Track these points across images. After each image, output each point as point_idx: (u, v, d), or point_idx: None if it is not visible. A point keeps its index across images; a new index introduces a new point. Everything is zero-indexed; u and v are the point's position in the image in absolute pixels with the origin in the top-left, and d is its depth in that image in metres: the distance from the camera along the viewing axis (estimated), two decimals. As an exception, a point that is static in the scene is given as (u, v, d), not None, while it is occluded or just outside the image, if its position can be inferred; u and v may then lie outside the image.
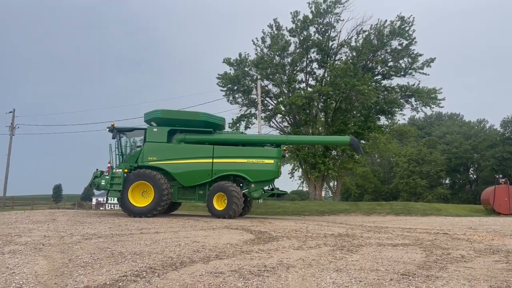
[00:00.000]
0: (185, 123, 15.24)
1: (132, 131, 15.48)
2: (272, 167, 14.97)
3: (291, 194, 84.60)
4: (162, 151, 14.81)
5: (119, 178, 14.17)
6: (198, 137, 15.36)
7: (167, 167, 14.61)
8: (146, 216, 13.80)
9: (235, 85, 31.15)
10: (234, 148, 15.43)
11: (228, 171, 14.91)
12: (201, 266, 5.57)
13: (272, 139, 16.75)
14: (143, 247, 7.14)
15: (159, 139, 14.87)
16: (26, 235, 8.69)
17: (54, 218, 13.17)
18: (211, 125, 15.56)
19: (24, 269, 5.32)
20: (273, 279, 4.91)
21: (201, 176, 14.85)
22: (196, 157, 14.88)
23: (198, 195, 15.18)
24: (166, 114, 15.09)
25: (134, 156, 14.95)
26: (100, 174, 14.87)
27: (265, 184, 15.54)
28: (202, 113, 15.54)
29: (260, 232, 9.69)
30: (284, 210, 19.68)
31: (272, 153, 15.36)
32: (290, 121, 33.24)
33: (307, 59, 31.70)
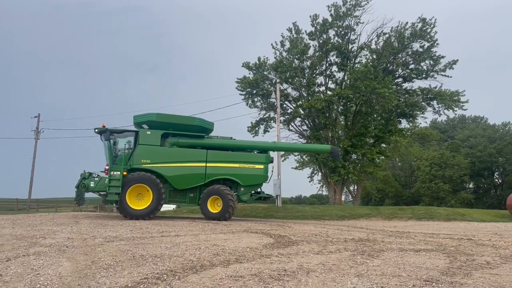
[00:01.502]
0: (179, 127, 15.47)
1: (122, 133, 15.42)
2: (262, 172, 15.85)
3: (310, 198, 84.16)
4: (156, 154, 14.92)
5: (118, 181, 14.03)
6: (190, 141, 15.68)
7: (160, 170, 14.75)
8: (143, 219, 13.90)
9: (254, 89, 31.22)
10: (227, 153, 15.99)
11: (221, 175, 15.43)
12: (221, 270, 5.58)
13: (260, 145, 17.22)
14: (163, 250, 7.21)
15: (153, 142, 14.99)
16: (51, 237, 8.87)
17: (77, 220, 13.41)
18: (204, 130, 15.98)
19: (48, 271, 5.43)
20: (293, 284, 4.89)
21: (195, 179, 15.22)
22: (190, 161, 15.23)
23: (188, 198, 15.56)
24: (160, 118, 15.20)
25: (125, 158, 14.79)
26: (88, 175, 14.75)
27: (255, 188, 16.37)
28: (197, 118, 16.15)
29: (279, 236, 9.67)
30: (304, 214, 19.57)
31: (262, 158, 16.14)
32: (310, 125, 33.10)
33: (327, 62, 31.56)
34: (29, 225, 11.49)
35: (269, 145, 17.40)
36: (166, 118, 15.28)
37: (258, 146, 17.19)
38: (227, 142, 16.59)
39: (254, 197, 16.53)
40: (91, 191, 14.85)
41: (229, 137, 17.05)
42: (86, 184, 14.47)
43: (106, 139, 14.80)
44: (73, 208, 41.77)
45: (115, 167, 14.36)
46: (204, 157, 15.33)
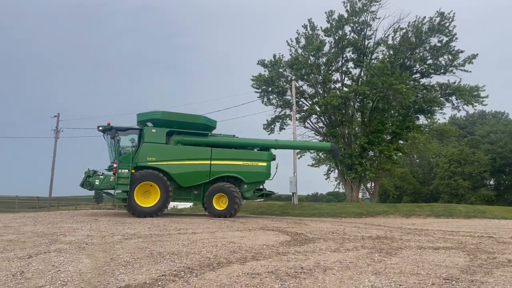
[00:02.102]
0: (184, 125, 15.55)
1: (127, 130, 15.46)
2: (265, 169, 16.04)
3: (327, 195, 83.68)
4: (161, 152, 15.00)
5: (126, 179, 14.04)
6: (195, 139, 15.79)
7: (166, 167, 14.82)
8: (151, 216, 13.99)
9: (270, 86, 31.16)
10: (230, 151, 16.15)
11: (225, 173, 15.58)
12: (238, 267, 5.60)
13: (262, 143, 17.33)
14: (181, 247, 7.26)
15: (158, 140, 15.06)
16: (71, 234, 9.03)
17: (96, 218, 13.61)
18: (208, 128, 16.18)
19: (69, 267, 5.53)
20: (310, 281, 4.87)
21: (199, 177, 15.34)
22: (195, 159, 15.33)
23: (193, 195, 15.69)
24: (166, 115, 15.31)
25: (129, 156, 14.79)
26: (92, 173, 14.73)
27: (258, 185, 16.54)
28: (202, 116, 16.23)
29: (296, 234, 9.65)
30: (320, 212, 19.48)
31: (264, 156, 16.33)
32: (326, 122, 32.91)
33: (343, 59, 31.30)
34: (50, 223, 11.71)
35: (271, 143, 17.57)
36: (171, 116, 15.39)
37: (260, 144, 17.31)
38: (230, 140, 16.79)
39: (256, 194, 16.68)
40: (96, 189, 14.86)
41: (232, 135, 17.24)
42: (91, 182, 14.42)
43: (112, 137, 14.83)
44: (92, 206, 42.45)
45: (123, 165, 14.35)
46: (209, 155, 15.47)
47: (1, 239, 8.30)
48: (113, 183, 14.32)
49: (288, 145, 18.70)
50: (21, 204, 35.27)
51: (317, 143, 20.06)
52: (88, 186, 14.42)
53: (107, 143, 15.46)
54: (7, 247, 7.25)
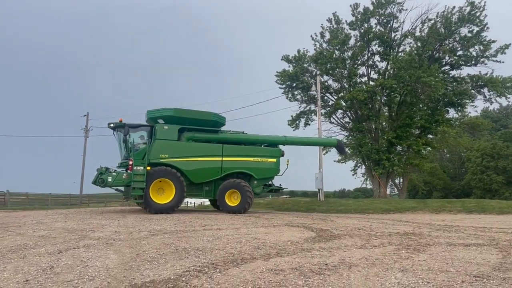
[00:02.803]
0: (195, 122, 15.67)
1: (138, 127, 15.50)
2: (275, 165, 16.39)
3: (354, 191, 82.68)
4: (174, 149, 15.07)
5: (142, 176, 14.07)
6: (206, 136, 15.92)
7: (178, 164, 14.90)
8: (167, 213, 14.09)
9: (294, 82, 30.99)
10: (241, 147, 16.32)
11: (236, 169, 15.79)
12: (261, 263, 5.58)
13: (271, 139, 17.35)
14: (205, 243, 7.31)
15: (170, 136, 15.15)
16: (99, 230, 9.24)
17: (124, 214, 13.88)
18: (218, 124, 16.32)
19: (96, 263, 5.65)
20: (335, 278, 4.80)
21: (211, 173, 15.52)
22: (206, 155, 15.49)
23: (204, 191, 15.86)
24: (178, 112, 15.37)
25: (141, 153, 14.86)
26: (105, 170, 14.76)
27: (267, 181, 16.86)
28: (213, 113, 16.27)
29: (321, 230, 9.55)
30: (347, 208, 19.25)
31: (274, 152, 16.64)
32: (352, 117, 32.48)
33: (369, 52, 30.79)
34: (80, 219, 12.03)
35: (280, 139, 17.57)
36: (183, 113, 15.48)
37: (269, 140, 17.36)
38: (240, 136, 16.95)
39: (265, 189, 17.01)
40: (109, 186, 14.83)
41: (241, 131, 17.39)
42: (104, 179, 14.43)
43: (125, 134, 14.92)
44: (121, 203, 43.37)
45: (136, 162, 14.40)
46: (220, 151, 15.65)
47: (33, 235, 8.58)
48: (126, 180, 14.44)
49: (297, 141, 18.72)
50: (54, 201, 36.36)
51: (324, 139, 20.04)
52: (101, 184, 14.43)
53: (118, 140, 15.64)
54: (39, 242, 7.48)
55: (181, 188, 14.44)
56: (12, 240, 7.85)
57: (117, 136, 15.65)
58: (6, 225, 10.91)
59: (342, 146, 18.96)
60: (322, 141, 19.65)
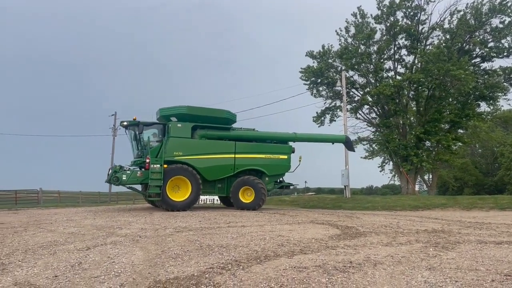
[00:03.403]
0: (208, 120, 15.78)
1: (152, 125, 15.61)
2: (286, 162, 16.61)
3: (382, 188, 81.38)
4: (187, 146, 15.15)
5: (159, 174, 14.13)
6: (218, 133, 16.06)
7: (192, 162, 14.99)
8: (184, 210, 14.18)
9: (319, 77, 30.73)
10: (253, 145, 16.53)
11: (249, 166, 16.00)
12: (285, 260, 5.55)
13: (282, 136, 17.54)
14: (229, 240, 7.34)
15: (183, 134, 15.21)
16: (126, 227, 9.42)
17: (151, 212, 14.12)
18: (230, 122, 16.54)
19: (122, 259, 5.75)
20: (359, 276, 4.73)
21: (224, 170, 15.68)
22: (220, 153, 15.64)
23: (217, 188, 16.00)
24: (191, 110, 15.46)
25: (155, 151, 14.94)
26: (119, 168, 14.82)
27: (279, 177, 17.13)
28: (226, 110, 16.40)
29: (346, 227, 9.44)
30: (374, 205, 18.95)
31: (285, 149, 16.86)
32: (378, 112, 31.95)
33: (395, 46, 30.20)
34: (108, 216, 12.31)
35: (290, 136, 17.65)
36: (196, 111, 15.59)
37: (280, 137, 17.51)
38: (252, 134, 17.09)
39: (276, 186, 17.24)
40: (123, 184, 14.84)
41: (252, 129, 17.54)
42: (119, 177, 14.43)
43: (139, 132, 15.05)
44: (149, 201, 44.03)
45: (154, 159, 14.48)
46: (233, 148, 15.84)
47: (63, 232, 8.83)
48: (140, 178, 14.56)
49: (307, 138, 18.69)
50: (84, 199, 37.40)
51: (332, 135, 19.90)
52: (116, 182, 14.47)
53: (130, 139, 15.73)
54: (68, 239, 7.69)
55: (197, 186, 14.59)
56: (43, 237, 8.10)
57: (130, 134, 15.75)
58: (39, 222, 11.28)
59: (350, 142, 19.09)
60: (331, 137, 19.57)
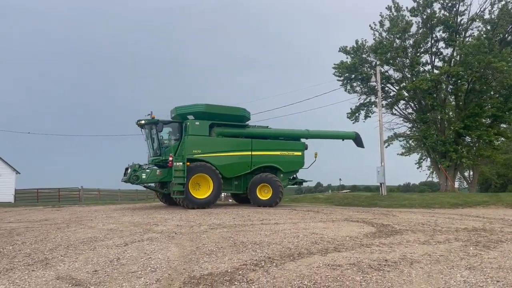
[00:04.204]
0: (225, 117, 15.93)
1: (169, 123, 15.63)
2: (300, 159, 16.87)
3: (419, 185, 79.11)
4: (206, 144, 15.24)
5: (182, 171, 14.16)
6: (234, 131, 16.23)
7: (211, 159, 15.05)
8: (206, 207, 14.27)
9: (353, 73, 30.21)
10: (269, 142, 16.67)
11: (265, 163, 16.19)
12: (318, 258, 5.52)
13: (295, 133, 17.68)
14: (263, 237, 7.36)
15: (201, 132, 15.31)
16: (162, 224, 9.64)
17: (186, 209, 14.36)
18: (245, 119, 16.74)
19: (158, 255, 5.90)
20: (395, 274, 4.64)
21: (242, 167, 15.85)
22: (237, 150, 15.81)
23: (234, 185, 16.12)
24: (209, 108, 15.59)
25: (173, 149, 15.00)
26: (138, 167, 14.78)
27: (293, 174, 17.34)
28: (242, 108, 16.55)
29: (382, 225, 9.26)
30: (411, 202, 18.45)
31: (299, 146, 17.11)
32: (415, 107, 31.09)
33: (432, 39, 29.23)
34: (145, 214, 12.64)
35: (303, 133, 17.77)
36: (214, 109, 15.72)
37: (293, 133, 17.64)
38: (266, 131, 17.29)
39: (290, 182, 17.42)
40: (143, 183, 14.88)
41: (266, 126, 17.77)
42: (139, 176, 14.42)
43: (159, 131, 15.15)
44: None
45: (178, 158, 14.59)
46: (250, 146, 16.03)
47: (103, 228, 9.14)
48: (159, 176, 14.73)
49: (319, 135, 18.65)
50: (123, 196, 38.53)
51: (343, 132, 19.67)
52: (136, 180, 14.47)
53: (147, 137, 15.85)
54: (107, 235, 7.96)
55: (219, 183, 14.75)
56: (84, 233, 8.42)
57: (146, 132, 15.86)
58: (80, 219, 11.73)
59: (360, 139, 19.04)
60: (341, 134, 19.49)
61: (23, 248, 6.88)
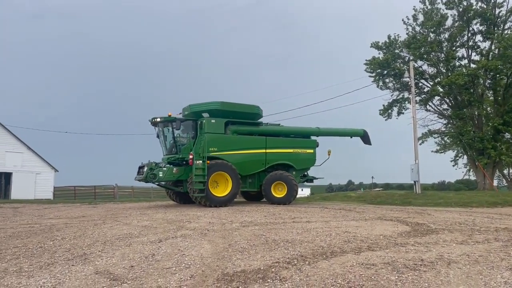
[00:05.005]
0: (239, 115, 15.88)
1: (185, 121, 15.44)
2: (312, 156, 16.94)
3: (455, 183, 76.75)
4: (222, 142, 15.17)
5: (203, 170, 14.00)
6: (249, 129, 16.21)
7: (227, 157, 14.98)
8: (225, 205, 14.20)
9: (385, 69, 29.65)
10: (283, 139, 16.82)
11: (279, 161, 16.19)
12: (352, 257, 5.45)
13: (305, 131, 17.84)
14: (295, 235, 7.34)
15: (218, 130, 15.24)
16: (195, 221, 9.77)
17: (217, 207, 14.47)
18: (258, 117, 16.82)
19: (192, 252, 5.98)
20: (431, 274, 4.52)
21: (256, 165, 15.85)
22: (252, 148, 15.75)
23: (248, 183, 16.08)
24: (225, 106, 15.54)
25: (189, 147, 14.96)
26: (154, 165, 14.71)
27: (305, 171, 17.42)
28: (256, 106, 16.54)
29: (417, 224, 9.04)
30: (447, 201, 17.92)
31: (311, 143, 17.18)
32: (451, 103, 30.19)
33: (469, 32, 28.32)
34: (178, 211, 12.84)
35: (314, 130, 17.78)
36: (229, 107, 15.68)
37: (304, 131, 17.81)
38: (278, 129, 17.36)
39: (302, 179, 17.51)
40: (160, 181, 14.81)
41: (277, 123, 17.82)
42: (156, 174, 14.33)
43: (177, 128, 15.04)
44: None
45: (197, 156, 14.48)
46: (264, 143, 16.01)
47: (137, 225, 9.36)
48: (176, 174, 14.68)
49: (329, 132, 18.61)
50: (156, 194, 39.30)
51: (351, 129, 19.45)
52: (153, 179, 14.42)
53: (161, 135, 15.82)
54: (142, 232, 8.14)
55: (237, 181, 14.73)
56: (120, 229, 8.65)
57: (161, 130, 15.82)
58: (115, 216, 12.06)
59: (367, 136, 19.07)
60: (349, 131, 19.38)
61: (63, 243, 7.13)
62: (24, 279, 4.76)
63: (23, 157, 34.19)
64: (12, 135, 33.83)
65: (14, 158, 33.45)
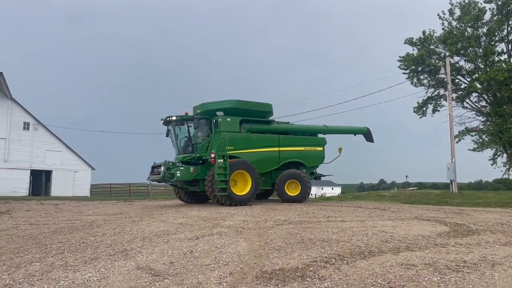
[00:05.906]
0: (253, 114, 15.94)
1: (200, 120, 15.29)
2: (321, 154, 17.32)
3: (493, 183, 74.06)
4: (238, 141, 15.19)
5: (224, 168, 13.86)
6: (262, 127, 16.30)
7: (243, 156, 14.99)
8: (245, 204, 14.14)
9: (419, 65, 28.95)
10: (294, 137, 17.05)
11: (292, 158, 16.41)
12: (390, 257, 5.38)
13: (313, 129, 18.13)
14: (330, 234, 7.29)
15: (233, 128, 15.29)
16: (229, 219, 9.87)
17: (251, 204, 14.58)
18: (270, 115, 16.97)
19: (229, 249, 6.06)
20: (475, 276, 4.40)
21: (270, 163, 16.02)
22: (266, 146, 15.87)
23: (261, 181, 15.78)
24: (240, 104, 15.58)
25: (204, 146, 14.94)
26: (172, 165, 14.59)
27: (315, 168, 17.66)
28: (269, 104, 16.65)
29: (456, 225, 8.80)
30: (485, 201, 17.34)
31: (321, 141, 17.56)
32: (489, 100, 29.13)
33: (508, 26, 27.24)
34: (211, 208, 13.02)
35: (322, 128, 18.15)
36: (244, 105, 15.72)
37: (312, 129, 18.07)
38: (289, 127, 17.57)
39: (311, 177, 17.58)
40: (177, 181, 14.57)
41: (287, 122, 18.09)
42: (173, 174, 14.23)
43: (195, 127, 14.87)
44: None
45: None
46: (277, 142, 16.18)
47: (173, 222, 9.55)
48: (193, 173, 14.59)
49: (335, 130, 18.69)
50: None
51: (355, 127, 19.47)
52: (170, 179, 14.34)
53: (175, 134, 15.76)
54: (179, 229, 8.30)
55: (256, 180, 14.74)
56: (157, 226, 8.85)
57: (176, 129, 15.78)
58: (151, 213, 12.35)
59: (370, 134, 19.20)
60: (353, 129, 19.27)
61: (104, 239, 7.37)
62: (71, 273, 4.96)
63: (62, 155, 35.43)
64: (52, 134, 35.12)
65: (54, 157, 34.70)
